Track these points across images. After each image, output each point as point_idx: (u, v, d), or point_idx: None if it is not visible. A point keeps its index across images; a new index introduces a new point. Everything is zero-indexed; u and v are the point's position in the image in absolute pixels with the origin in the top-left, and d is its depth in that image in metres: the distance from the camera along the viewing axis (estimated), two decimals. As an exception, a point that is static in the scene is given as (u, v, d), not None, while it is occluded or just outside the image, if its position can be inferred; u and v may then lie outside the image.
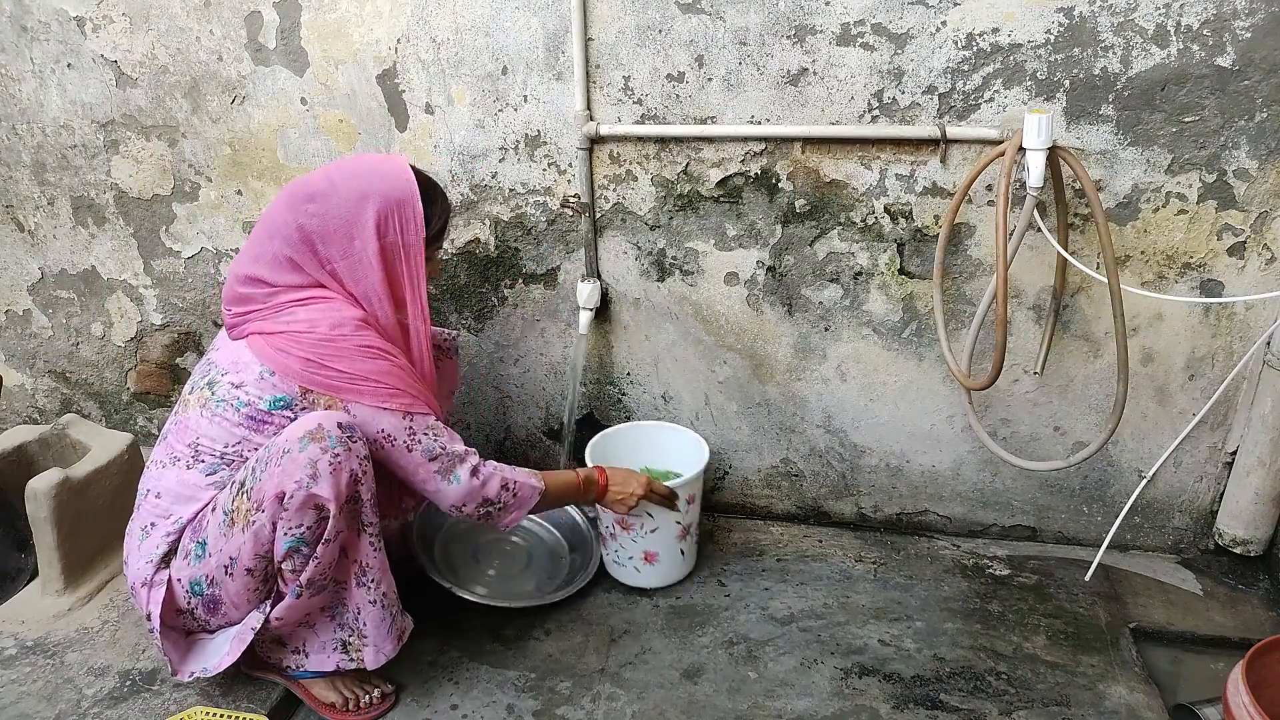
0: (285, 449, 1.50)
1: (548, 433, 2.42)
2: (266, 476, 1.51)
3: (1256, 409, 1.96)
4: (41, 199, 2.47)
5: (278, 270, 1.63)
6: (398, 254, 1.66)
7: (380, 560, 1.64)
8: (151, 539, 1.64)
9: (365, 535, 1.60)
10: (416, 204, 1.65)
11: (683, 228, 2.12)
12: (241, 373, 1.61)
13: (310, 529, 1.52)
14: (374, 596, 1.64)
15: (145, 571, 1.63)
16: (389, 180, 1.65)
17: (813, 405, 2.23)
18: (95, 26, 2.23)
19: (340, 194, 1.62)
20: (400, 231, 1.65)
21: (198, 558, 1.60)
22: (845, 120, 1.95)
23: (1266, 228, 1.87)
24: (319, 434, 1.50)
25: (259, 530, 1.52)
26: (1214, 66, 1.76)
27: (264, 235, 1.64)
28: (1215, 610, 1.99)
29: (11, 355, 2.71)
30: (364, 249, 1.63)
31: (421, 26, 2.06)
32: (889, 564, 2.17)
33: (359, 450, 1.54)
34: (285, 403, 1.60)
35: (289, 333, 1.60)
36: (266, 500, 1.50)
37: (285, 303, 1.62)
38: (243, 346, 1.63)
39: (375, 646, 1.66)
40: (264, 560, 1.56)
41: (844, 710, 1.74)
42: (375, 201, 1.62)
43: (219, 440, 1.61)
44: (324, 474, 1.49)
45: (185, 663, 1.66)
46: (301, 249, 1.62)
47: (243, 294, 1.65)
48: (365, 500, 1.58)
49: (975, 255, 2.00)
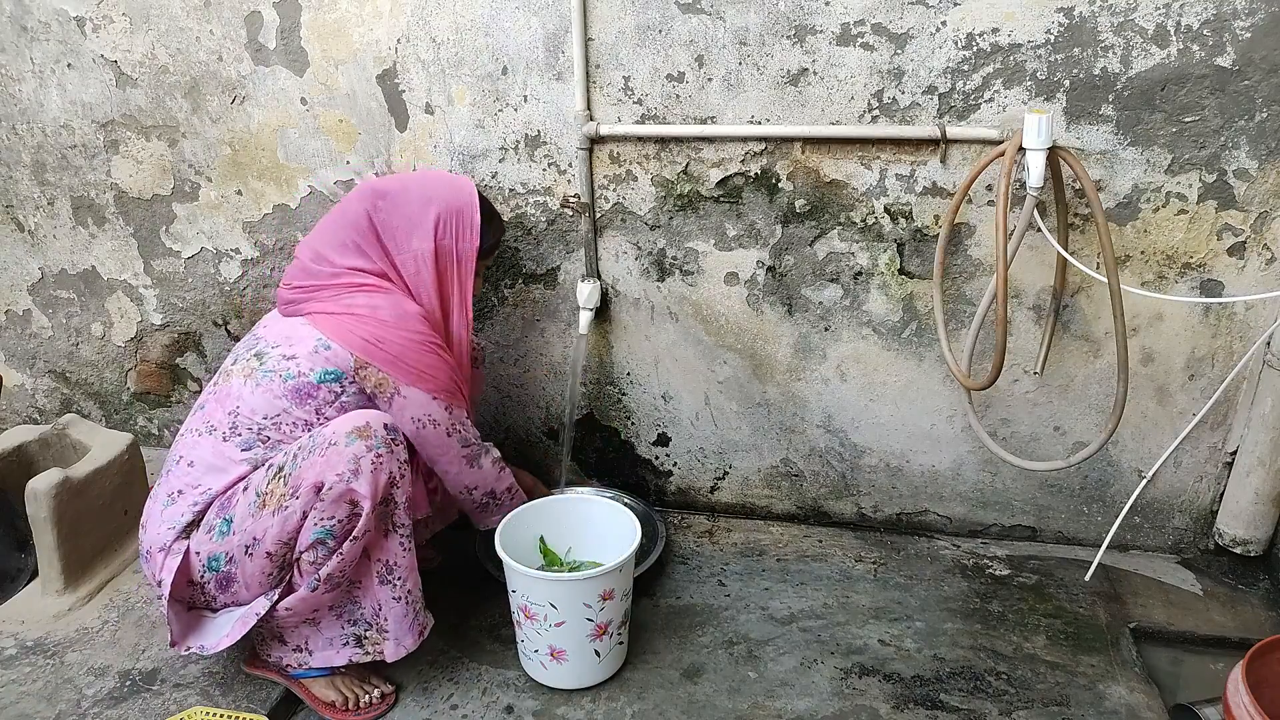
0: (331, 441, 1.54)
1: (548, 433, 2.42)
2: (308, 465, 1.54)
3: (1256, 409, 1.96)
4: (41, 199, 2.47)
5: (345, 254, 1.73)
6: (450, 258, 1.77)
7: (410, 560, 1.67)
8: (177, 506, 1.66)
9: (396, 535, 1.64)
10: (475, 215, 1.78)
11: (683, 228, 2.12)
12: (295, 345, 1.67)
13: (340, 523, 1.55)
14: (399, 594, 1.67)
15: (165, 537, 1.64)
16: (454, 190, 1.79)
17: (813, 405, 2.23)
18: (95, 26, 2.23)
19: (410, 194, 1.75)
20: (455, 237, 1.76)
21: (221, 534, 1.61)
22: (845, 120, 1.95)
23: (1266, 228, 1.87)
24: (366, 431, 1.55)
25: (289, 516, 1.55)
26: (1214, 66, 1.76)
27: (335, 222, 1.76)
28: (1215, 610, 1.99)
29: (11, 355, 2.71)
30: (421, 247, 1.74)
31: (421, 26, 2.06)
32: (889, 564, 2.17)
33: (400, 454, 1.59)
34: (335, 376, 1.65)
35: (351, 314, 1.68)
36: (304, 488, 1.53)
37: (348, 285, 1.71)
38: (299, 323, 1.71)
39: (396, 640, 1.69)
40: (285, 547, 1.59)
41: (844, 710, 1.74)
42: (438, 205, 1.76)
43: (259, 410, 1.65)
44: (365, 471, 1.53)
45: (186, 635, 1.67)
46: (369, 237, 1.73)
47: (310, 269, 1.74)
48: (399, 503, 1.62)
49: (975, 255, 2.01)
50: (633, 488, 2.40)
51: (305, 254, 1.76)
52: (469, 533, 2.08)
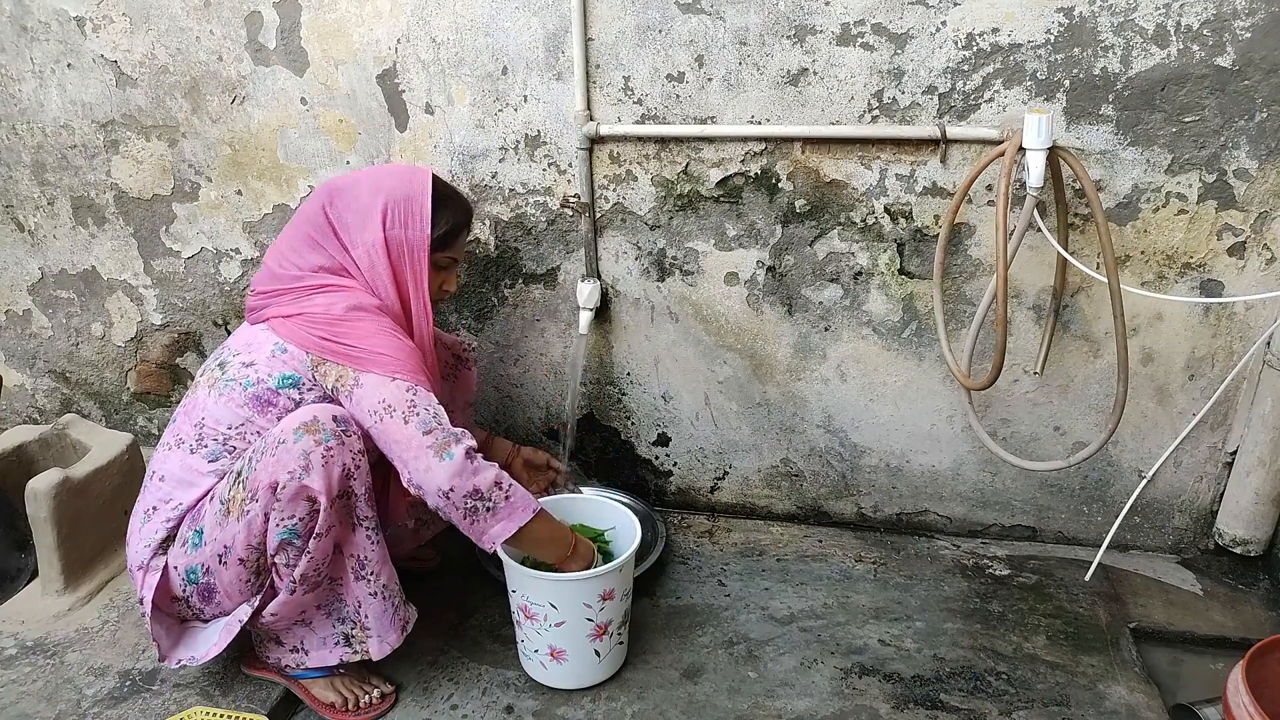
0: (280, 439, 1.53)
1: (548, 433, 2.42)
2: (261, 466, 1.53)
3: (1256, 409, 1.96)
4: (41, 199, 2.47)
5: (304, 252, 1.71)
6: (402, 248, 1.72)
7: (379, 552, 1.65)
8: (152, 523, 1.66)
9: (361, 529, 1.62)
10: (424, 201, 1.73)
11: (683, 228, 2.12)
12: (254, 351, 1.66)
13: (302, 520, 1.54)
14: (374, 589, 1.65)
15: (143, 555, 1.65)
16: (404, 180, 1.75)
17: (813, 405, 2.23)
18: (95, 26, 2.23)
19: (360, 188, 1.73)
20: (404, 225, 1.72)
21: (194, 546, 1.61)
22: (845, 120, 1.95)
23: (1266, 228, 1.87)
24: (313, 426, 1.53)
25: (252, 520, 1.54)
26: (1214, 66, 1.76)
27: (295, 223, 1.76)
28: (1215, 610, 1.99)
29: (11, 355, 2.71)
30: (372, 238, 1.70)
31: (421, 26, 2.06)
32: (889, 564, 2.17)
33: (353, 445, 1.57)
34: (294, 381, 1.63)
35: (306, 314, 1.66)
36: (260, 490, 1.53)
37: (308, 288, 1.69)
38: (259, 329, 1.70)
39: (379, 637, 1.68)
40: (256, 551, 1.58)
41: (844, 710, 1.74)
42: (385, 194, 1.72)
43: (223, 421, 1.64)
44: (316, 465, 1.51)
45: (174, 650, 1.68)
46: (326, 231, 1.71)
47: (275, 273, 1.72)
48: (359, 494, 1.59)
49: (975, 255, 2.01)
50: (633, 488, 2.40)
51: (271, 260, 1.74)
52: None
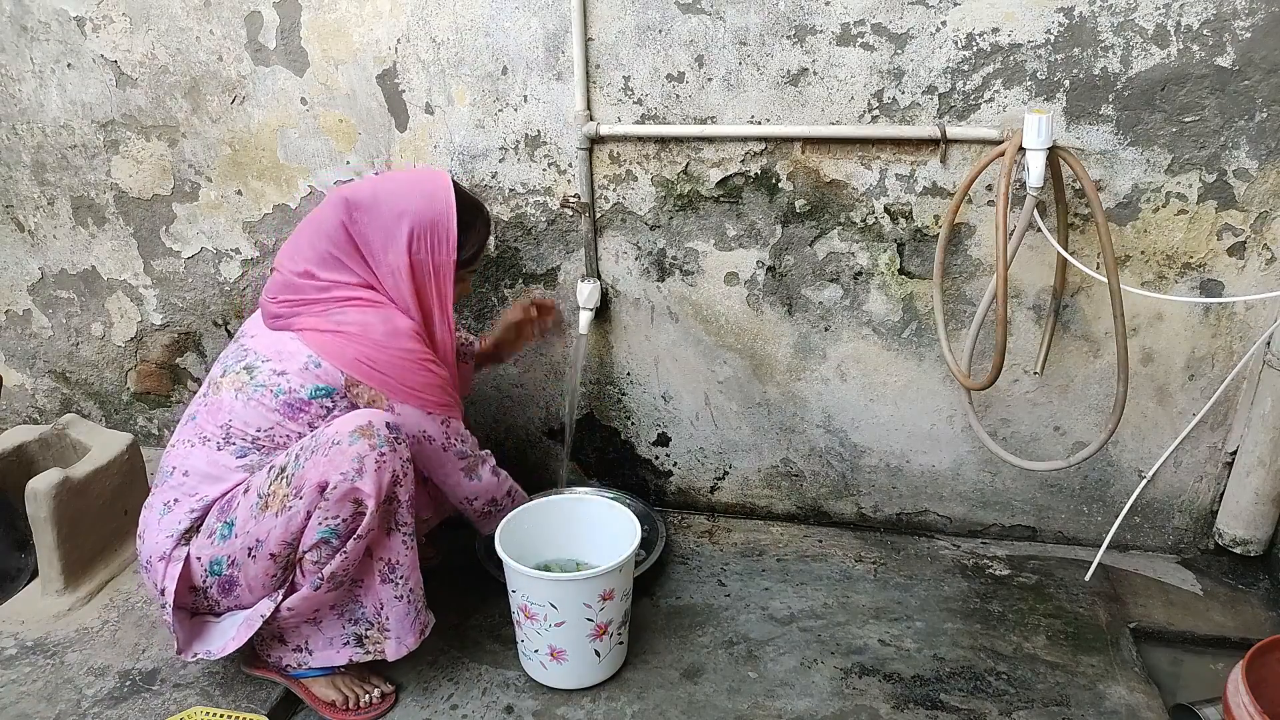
0: (334, 440, 1.53)
1: (548, 433, 2.42)
2: (310, 465, 1.54)
3: (1256, 409, 1.96)
4: (41, 199, 2.47)
5: (327, 268, 1.69)
6: (427, 272, 1.72)
7: (412, 558, 1.67)
8: (174, 514, 1.65)
9: (398, 533, 1.64)
10: (450, 225, 1.71)
11: (683, 228, 2.12)
12: (285, 361, 1.65)
13: (345, 522, 1.55)
14: (401, 592, 1.67)
15: (164, 545, 1.64)
16: (427, 199, 1.71)
17: (813, 405, 2.23)
18: (95, 26, 2.23)
19: (381, 208, 1.69)
20: (431, 251, 1.71)
21: (222, 538, 1.61)
22: (845, 120, 1.95)
23: (1266, 228, 1.87)
24: (369, 430, 1.54)
25: (293, 516, 1.55)
26: (1214, 66, 1.76)
27: (313, 234, 1.71)
28: (1215, 610, 1.99)
29: (11, 355, 2.71)
30: (397, 262, 1.69)
31: (421, 26, 2.06)
32: (889, 564, 2.17)
33: (403, 453, 1.59)
34: (327, 392, 1.64)
35: (342, 332, 1.65)
36: (307, 488, 1.53)
37: (337, 299, 1.68)
38: (287, 337, 1.68)
39: (398, 639, 1.69)
40: (289, 548, 1.58)
41: (844, 710, 1.74)
42: (410, 219, 1.69)
43: (252, 424, 1.65)
44: (369, 470, 1.53)
45: (191, 643, 1.67)
46: (348, 249, 1.69)
47: (295, 284, 1.69)
48: (402, 501, 1.61)
49: (975, 255, 2.01)
50: (633, 488, 2.40)
51: (286, 265, 1.71)
52: (469, 532, 2.07)
